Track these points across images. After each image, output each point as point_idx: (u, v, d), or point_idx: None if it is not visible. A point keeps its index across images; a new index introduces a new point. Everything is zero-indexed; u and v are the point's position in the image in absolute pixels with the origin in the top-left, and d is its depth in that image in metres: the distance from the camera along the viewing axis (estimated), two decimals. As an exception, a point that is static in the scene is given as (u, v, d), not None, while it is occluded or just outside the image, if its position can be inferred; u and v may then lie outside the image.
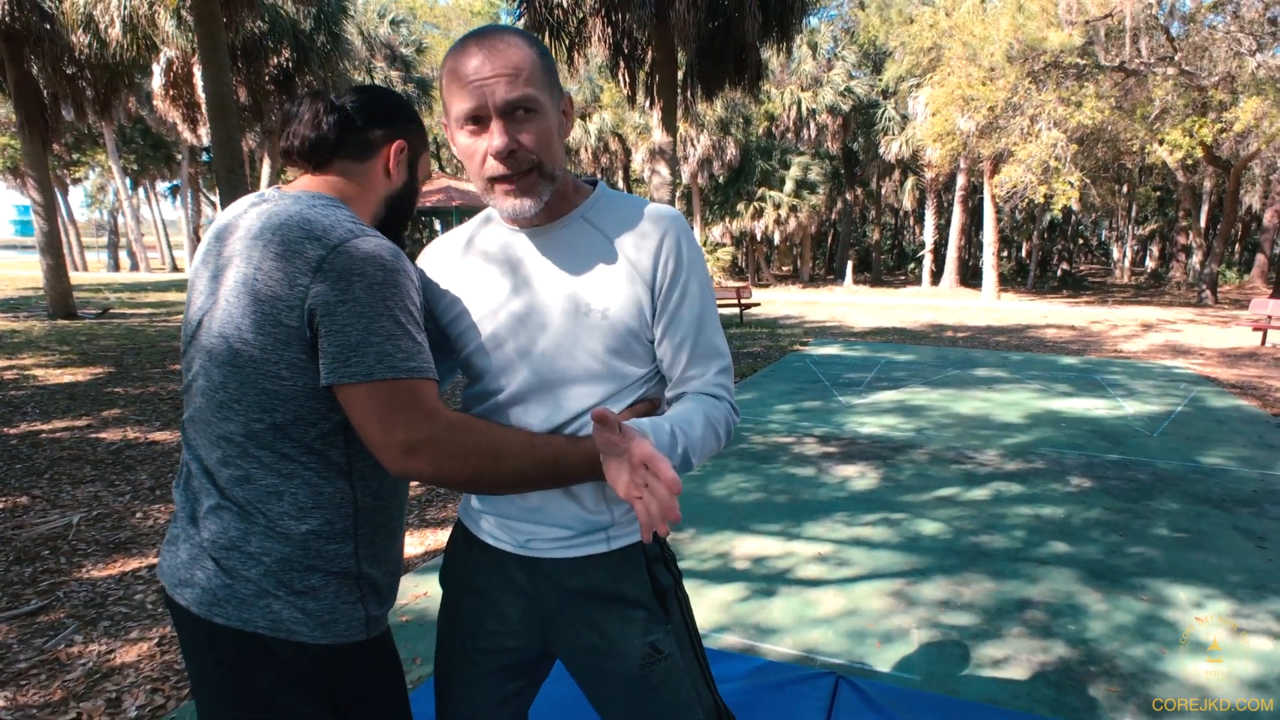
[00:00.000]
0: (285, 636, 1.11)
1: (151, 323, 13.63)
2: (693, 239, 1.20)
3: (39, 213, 13.42)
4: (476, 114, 1.07)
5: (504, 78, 1.06)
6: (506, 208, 1.13)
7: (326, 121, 1.21)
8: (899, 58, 25.09)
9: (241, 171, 9.08)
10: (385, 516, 1.22)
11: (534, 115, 1.09)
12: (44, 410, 6.55)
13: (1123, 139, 19.66)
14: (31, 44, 12.60)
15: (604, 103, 31.61)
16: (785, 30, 12.66)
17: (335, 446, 1.13)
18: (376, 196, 1.27)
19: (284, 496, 1.11)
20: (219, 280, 1.12)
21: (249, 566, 1.11)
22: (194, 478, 1.17)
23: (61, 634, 2.93)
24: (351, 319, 1.04)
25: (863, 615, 3.16)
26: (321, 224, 1.08)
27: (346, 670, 1.18)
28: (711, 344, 1.21)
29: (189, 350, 1.18)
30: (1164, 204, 38.34)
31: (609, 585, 1.23)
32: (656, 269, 1.16)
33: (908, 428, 6.46)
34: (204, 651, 1.16)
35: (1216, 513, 4.43)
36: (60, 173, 35.62)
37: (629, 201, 1.22)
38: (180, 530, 1.19)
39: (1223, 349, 12.05)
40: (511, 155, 1.08)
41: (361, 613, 1.18)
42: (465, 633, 1.32)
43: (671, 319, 1.18)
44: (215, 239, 1.17)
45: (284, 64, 18.25)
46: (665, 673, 1.23)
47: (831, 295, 25.90)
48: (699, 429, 1.11)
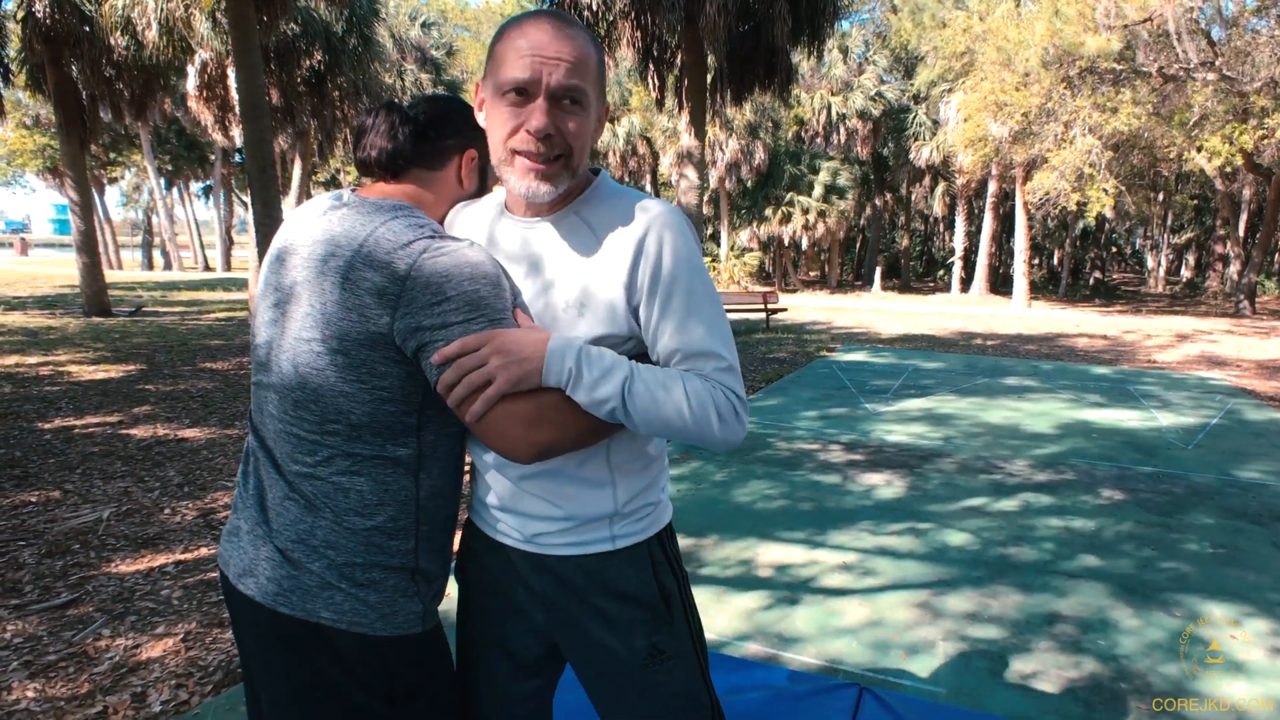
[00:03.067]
0: (347, 628, 1.14)
1: (183, 321, 13.85)
2: (683, 234, 1.13)
3: (76, 212, 13.71)
4: (526, 86, 1.06)
5: (566, 62, 1.06)
6: (522, 186, 1.11)
7: (402, 132, 1.25)
8: (931, 62, 24.85)
9: (273, 172, 9.20)
10: (445, 513, 1.25)
11: (579, 108, 1.09)
12: (77, 406, 6.67)
13: (1159, 145, 19.29)
14: (71, 46, 12.88)
15: (633, 106, 31.64)
16: (816, 34, 12.60)
17: (406, 446, 1.16)
18: (450, 203, 1.32)
19: (351, 493, 1.14)
20: (289, 297, 1.15)
21: (313, 559, 1.14)
22: (262, 466, 1.20)
23: (90, 628, 2.97)
24: (449, 319, 1.07)
25: (888, 626, 3.11)
26: (400, 240, 1.10)
27: (404, 662, 1.20)
28: (703, 343, 1.11)
29: (260, 356, 1.20)
30: (1201, 212, 37.62)
31: (614, 585, 1.22)
32: (637, 268, 1.11)
33: (935, 436, 6.38)
34: (267, 640, 1.19)
35: (1253, 528, 4.32)
36: (97, 173, 36.35)
37: (623, 196, 1.18)
38: (244, 521, 1.22)
39: (1261, 360, 11.79)
40: (548, 138, 1.07)
41: (420, 606, 1.21)
42: (482, 630, 1.33)
43: (659, 318, 1.12)
44: (282, 249, 1.19)
45: (316, 66, 18.44)
46: (667, 673, 1.24)
47: (859, 301, 25.71)
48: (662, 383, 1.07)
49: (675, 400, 1.07)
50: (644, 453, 1.24)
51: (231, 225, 38.82)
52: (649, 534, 1.25)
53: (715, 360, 1.12)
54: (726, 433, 1.10)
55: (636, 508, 1.23)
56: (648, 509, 1.25)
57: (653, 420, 1.07)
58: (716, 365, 1.11)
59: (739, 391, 1.12)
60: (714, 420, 1.08)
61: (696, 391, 1.08)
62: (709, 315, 1.13)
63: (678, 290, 1.11)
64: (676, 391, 1.07)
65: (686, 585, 1.32)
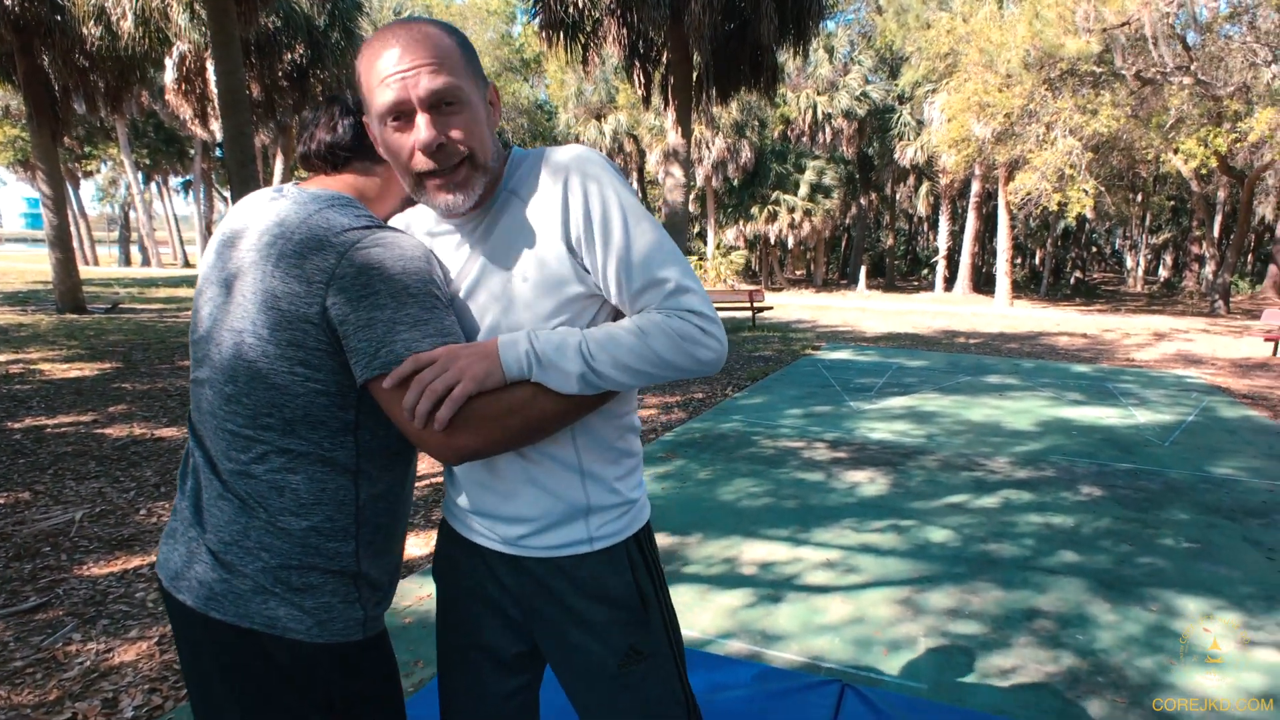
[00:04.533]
0: (281, 635, 1.11)
1: (161, 318, 13.68)
2: (602, 169, 1.11)
3: (48, 206, 13.45)
4: (400, 108, 1.03)
5: (425, 68, 1.02)
6: (439, 204, 1.09)
7: (342, 125, 1.24)
8: (915, 63, 25.01)
9: (253, 167, 9.11)
10: (389, 517, 1.21)
11: (460, 106, 1.05)
12: (49, 405, 6.56)
13: (1138, 147, 19.53)
14: (42, 35, 12.61)
15: (619, 104, 31.62)
16: (801, 33, 12.63)
17: (343, 446, 1.13)
18: (397, 196, 1.30)
19: (285, 492, 1.11)
20: (234, 279, 1.12)
21: (247, 561, 1.10)
22: (199, 469, 1.16)
23: (60, 632, 2.91)
24: (375, 313, 1.04)
25: (870, 623, 3.12)
26: (337, 225, 1.08)
27: (343, 670, 1.17)
28: (649, 270, 1.09)
29: (199, 347, 1.17)
30: (1178, 213, 38.08)
31: (591, 586, 1.21)
32: (569, 220, 1.10)
33: (918, 434, 6.40)
34: (200, 647, 1.15)
35: (1227, 523, 4.37)
36: (71, 166, 35.90)
37: (537, 156, 1.15)
38: (179, 524, 1.19)
39: (1235, 359, 11.95)
40: (440, 149, 1.04)
41: (359, 613, 1.18)
42: (462, 631, 1.31)
43: (603, 260, 1.10)
44: (229, 236, 1.17)
45: (298, 60, 18.32)
46: (644, 673, 1.23)
47: (844, 300, 25.82)
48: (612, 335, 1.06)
49: (634, 343, 1.06)
50: (614, 447, 1.22)
51: (212, 221, 38.38)
52: (627, 534, 1.24)
53: (667, 284, 1.09)
54: (703, 353, 1.08)
55: (611, 504, 1.22)
56: (624, 507, 1.24)
57: (627, 369, 1.06)
58: (670, 289, 1.09)
59: (699, 308, 1.09)
60: (683, 348, 1.07)
61: (655, 326, 1.06)
62: (650, 242, 1.10)
63: (613, 226, 1.09)
64: (633, 335, 1.06)
65: (664, 586, 1.31)
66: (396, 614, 3.03)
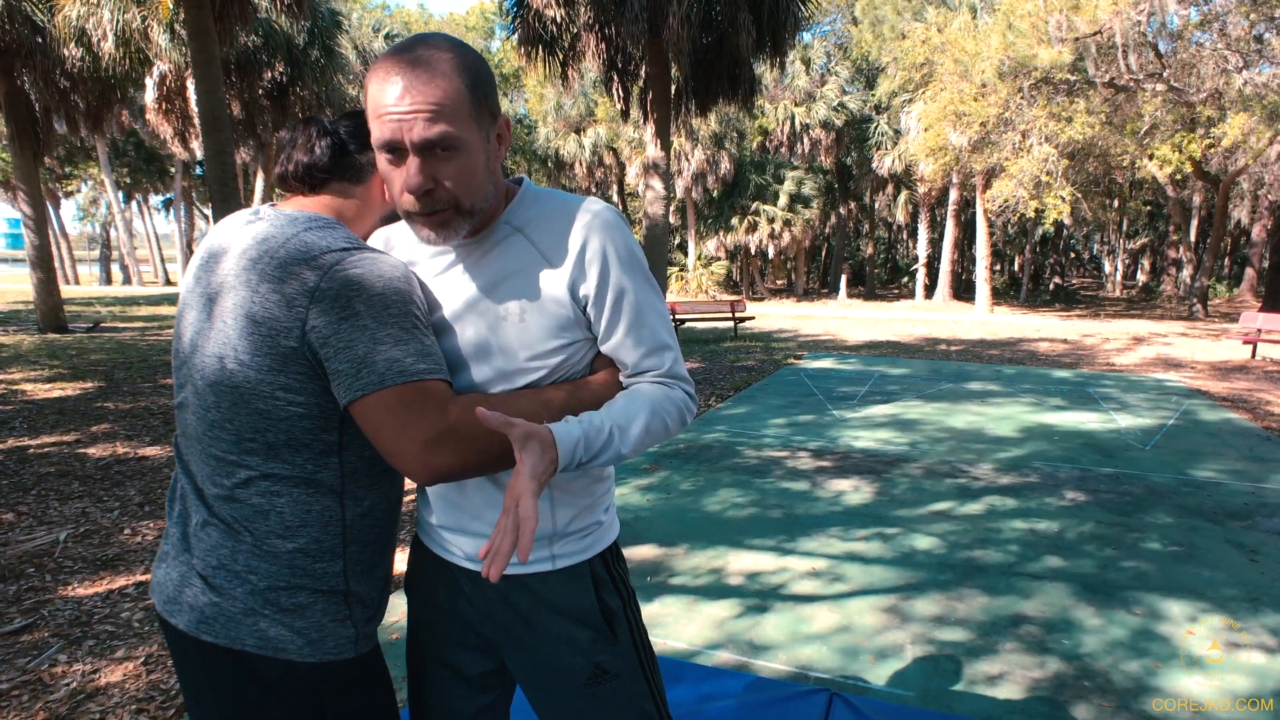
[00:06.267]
0: (274, 655, 1.11)
1: (143, 337, 13.57)
2: (623, 233, 1.16)
3: (30, 226, 13.35)
4: (393, 146, 1.02)
5: (423, 114, 0.99)
6: (420, 236, 1.11)
7: (319, 146, 1.24)
8: (891, 73, 25.31)
9: (234, 185, 9.06)
10: (376, 534, 1.21)
11: (455, 153, 1.03)
12: (32, 425, 6.50)
13: (1113, 154, 19.79)
14: (22, 57, 12.57)
15: (598, 117, 31.73)
16: (778, 46, 12.71)
17: (327, 468, 1.13)
18: (374, 216, 1.30)
19: (271, 515, 1.11)
20: (214, 302, 1.11)
21: (235, 585, 1.11)
22: (186, 494, 1.17)
23: (45, 653, 2.89)
24: (356, 334, 1.04)
25: (856, 631, 3.14)
26: (316, 247, 1.08)
27: (336, 688, 1.18)
28: (657, 338, 1.19)
29: (182, 370, 1.17)
30: (1154, 218, 38.56)
31: (554, 603, 1.22)
32: (582, 272, 1.13)
33: (902, 442, 6.45)
34: (196, 670, 1.16)
35: (1209, 526, 4.43)
36: (52, 186, 35.60)
37: (552, 199, 1.18)
38: (171, 547, 1.19)
39: (1213, 362, 12.11)
40: (428, 195, 1.04)
41: (351, 630, 1.18)
42: (431, 648, 1.32)
43: (610, 319, 1.16)
44: (208, 258, 1.17)
45: (278, 78, 18.28)
46: (611, 692, 1.23)
47: (825, 309, 25.95)
48: (640, 422, 1.13)
49: (648, 423, 1.14)
50: (587, 473, 1.23)
51: (193, 239, 38.16)
52: (590, 553, 1.25)
53: (666, 351, 1.21)
54: (689, 417, 1.23)
55: (578, 528, 1.23)
56: (590, 529, 1.25)
57: (642, 447, 1.15)
58: (672, 357, 1.21)
59: (685, 374, 1.24)
60: (672, 428, 1.19)
61: (661, 404, 1.17)
62: (658, 311, 1.21)
63: (627, 293, 1.16)
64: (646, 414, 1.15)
65: (633, 603, 1.31)
66: (386, 629, 3.03)
